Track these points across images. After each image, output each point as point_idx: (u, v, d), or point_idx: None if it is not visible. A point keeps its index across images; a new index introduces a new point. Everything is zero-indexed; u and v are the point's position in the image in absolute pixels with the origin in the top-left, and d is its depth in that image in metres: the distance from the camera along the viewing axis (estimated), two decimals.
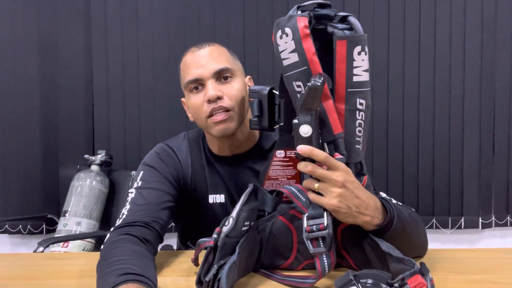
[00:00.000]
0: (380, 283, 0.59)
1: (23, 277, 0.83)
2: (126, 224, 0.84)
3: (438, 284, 0.63)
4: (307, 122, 0.69)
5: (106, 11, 2.03)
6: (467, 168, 2.03)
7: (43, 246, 1.49)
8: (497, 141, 2.04)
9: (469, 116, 2.03)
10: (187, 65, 0.96)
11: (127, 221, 0.85)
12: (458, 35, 2.02)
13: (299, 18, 0.71)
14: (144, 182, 0.95)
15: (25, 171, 2.04)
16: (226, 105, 0.91)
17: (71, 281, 0.79)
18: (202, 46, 0.96)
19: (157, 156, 1.01)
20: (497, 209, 2.06)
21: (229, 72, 0.94)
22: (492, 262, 0.86)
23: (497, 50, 2.02)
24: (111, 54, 2.04)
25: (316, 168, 0.69)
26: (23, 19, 2.03)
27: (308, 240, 0.69)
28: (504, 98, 2.03)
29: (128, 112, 2.04)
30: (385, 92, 2.03)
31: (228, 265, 0.67)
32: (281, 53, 0.73)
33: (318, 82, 0.67)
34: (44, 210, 2.03)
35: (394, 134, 2.03)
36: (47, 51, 2.05)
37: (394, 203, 0.80)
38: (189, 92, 0.96)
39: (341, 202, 0.68)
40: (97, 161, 1.86)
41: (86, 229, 1.73)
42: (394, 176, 2.04)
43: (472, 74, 2.02)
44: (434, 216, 2.04)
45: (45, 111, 2.05)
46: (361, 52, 0.71)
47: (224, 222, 0.74)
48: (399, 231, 0.74)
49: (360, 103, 0.73)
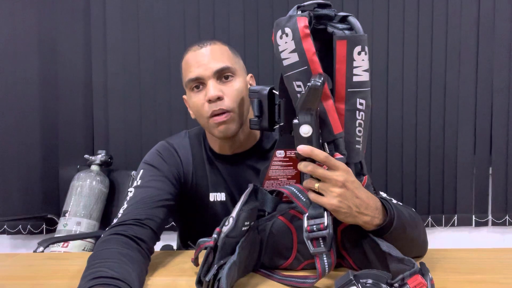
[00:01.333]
0: (380, 283, 0.59)
1: (23, 277, 0.83)
2: (119, 223, 0.83)
3: (438, 284, 0.63)
4: (307, 122, 0.69)
5: (105, 11, 2.03)
6: (461, 167, 2.05)
7: (43, 246, 1.49)
8: (495, 141, 2.05)
9: (465, 116, 2.05)
10: (188, 63, 0.95)
11: (120, 220, 0.84)
12: (456, 35, 2.03)
13: (299, 18, 0.71)
14: (143, 180, 0.94)
15: (25, 171, 2.04)
16: (226, 106, 0.91)
17: (71, 281, 0.79)
18: (204, 44, 0.96)
19: (158, 154, 1.01)
20: (495, 208, 2.07)
21: (230, 71, 0.94)
22: (492, 262, 0.86)
23: (495, 51, 2.03)
24: (111, 54, 2.04)
25: (316, 168, 0.69)
26: (23, 19, 2.03)
27: (308, 240, 0.69)
28: (502, 98, 2.04)
29: (128, 111, 2.04)
30: (384, 93, 2.03)
31: (228, 265, 0.67)
32: (281, 53, 0.73)
33: (318, 82, 0.67)
34: (44, 210, 2.04)
35: (393, 134, 2.04)
36: (47, 51, 2.05)
37: (394, 203, 0.80)
38: (190, 90, 0.96)
39: (341, 202, 0.68)
40: (97, 161, 1.86)
41: (86, 229, 1.73)
42: (393, 176, 2.05)
43: (469, 74, 2.04)
44: (430, 214, 2.06)
45: (45, 111, 2.06)
46: (361, 52, 0.71)
47: (224, 222, 0.74)
48: (399, 231, 0.74)
49: (360, 103, 0.73)
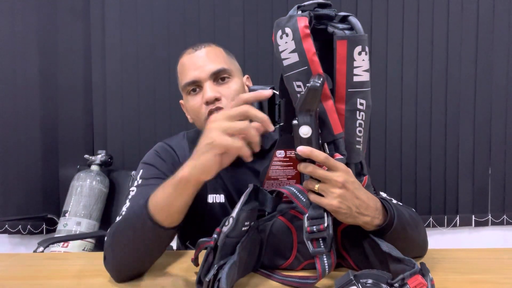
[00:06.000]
0: (380, 283, 0.59)
1: (23, 277, 0.83)
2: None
3: (438, 284, 0.63)
4: (306, 123, 0.69)
5: (105, 11, 2.03)
6: (462, 167, 2.05)
7: (43, 246, 1.49)
8: (494, 141, 2.05)
9: (465, 116, 2.05)
10: (184, 67, 0.96)
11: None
12: (456, 35, 2.03)
13: (299, 18, 0.70)
14: (144, 179, 0.94)
15: (25, 171, 2.04)
16: (224, 106, 0.91)
17: (71, 281, 0.79)
18: (199, 47, 0.96)
19: (156, 154, 1.01)
20: (494, 208, 2.07)
21: (226, 72, 0.94)
22: (492, 262, 0.86)
23: (494, 50, 2.04)
24: (111, 54, 2.04)
25: (316, 169, 0.69)
26: (23, 19, 2.03)
27: (308, 241, 0.69)
28: (501, 97, 2.05)
29: (128, 112, 2.05)
30: (383, 92, 2.04)
31: (228, 265, 0.67)
32: (281, 53, 0.72)
33: (318, 83, 0.67)
34: (44, 210, 2.04)
35: (392, 134, 2.04)
36: (47, 51, 2.05)
37: (395, 203, 0.80)
38: (187, 94, 0.96)
39: (341, 203, 0.68)
40: (97, 161, 1.87)
41: (86, 229, 1.73)
42: (392, 175, 2.05)
43: (468, 73, 2.04)
44: (431, 215, 2.06)
45: (45, 111, 2.06)
46: (361, 52, 0.71)
47: (224, 222, 0.74)
48: (399, 231, 0.74)
49: (360, 103, 0.73)
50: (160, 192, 0.73)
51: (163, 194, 0.72)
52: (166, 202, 0.72)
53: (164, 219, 0.72)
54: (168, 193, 0.71)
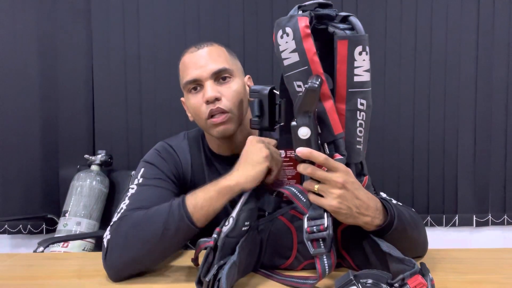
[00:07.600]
0: (380, 283, 0.59)
1: (23, 277, 0.83)
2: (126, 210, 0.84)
3: (438, 284, 0.63)
4: (305, 124, 0.69)
5: (106, 10, 2.03)
6: (461, 166, 2.05)
7: (43, 246, 1.49)
8: (493, 141, 2.05)
9: (465, 116, 2.05)
10: (185, 65, 0.96)
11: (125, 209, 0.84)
12: (455, 36, 2.03)
13: (300, 18, 0.71)
14: (145, 179, 0.94)
15: (25, 171, 2.04)
16: (224, 106, 0.91)
17: (71, 281, 0.79)
18: (201, 46, 0.96)
19: (157, 154, 1.01)
20: (494, 208, 2.07)
21: (228, 72, 0.94)
22: (492, 262, 0.86)
23: (494, 50, 2.04)
24: (112, 54, 2.04)
25: (315, 170, 0.69)
26: (23, 19, 2.03)
27: (308, 241, 0.69)
28: (501, 97, 2.04)
29: (128, 112, 2.04)
30: (382, 92, 2.03)
31: (228, 265, 0.67)
32: (282, 53, 0.72)
33: (316, 84, 0.67)
34: (44, 210, 2.03)
35: (390, 133, 2.04)
36: (47, 51, 2.05)
37: (395, 203, 0.80)
38: (188, 92, 0.96)
39: (341, 203, 0.68)
40: (97, 161, 1.86)
41: (86, 229, 1.73)
42: (390, 175, 2.05)
43: (468, 74, 2.04)
44: (429, 214, 2.06)
45: (45, 111, 2.05)
46: (362, 52, 0.71)
47: (224, 222, 0.74)
48: (399, 231, 0.74)
49: (361, 103, 0.73)
50: (201, 194, 0.78)
51: (204, 196, 0.77)
52: (207, 203, 0.77)
53: (199, 218, 0.76)
54: (210, 197, 0.77)
